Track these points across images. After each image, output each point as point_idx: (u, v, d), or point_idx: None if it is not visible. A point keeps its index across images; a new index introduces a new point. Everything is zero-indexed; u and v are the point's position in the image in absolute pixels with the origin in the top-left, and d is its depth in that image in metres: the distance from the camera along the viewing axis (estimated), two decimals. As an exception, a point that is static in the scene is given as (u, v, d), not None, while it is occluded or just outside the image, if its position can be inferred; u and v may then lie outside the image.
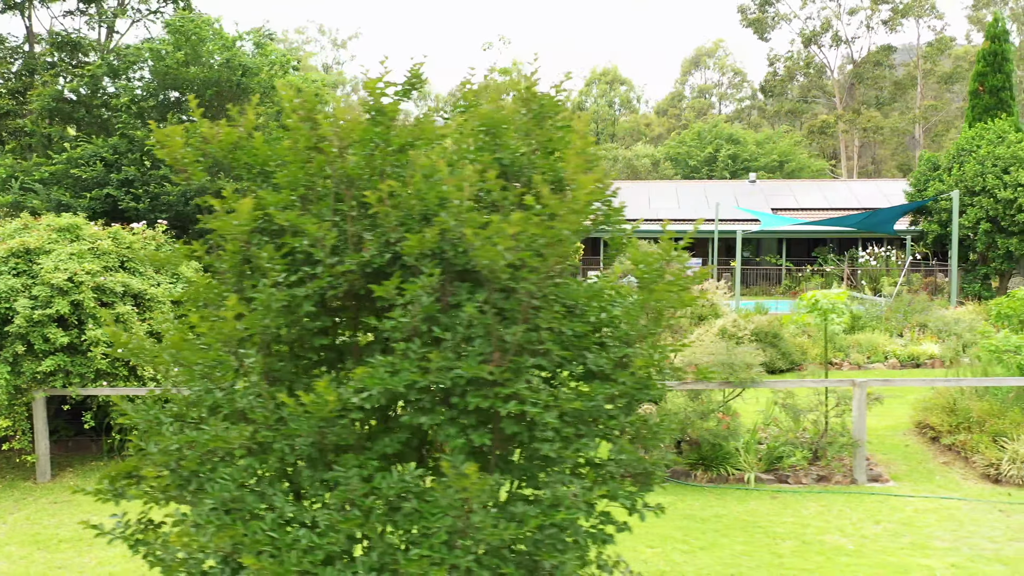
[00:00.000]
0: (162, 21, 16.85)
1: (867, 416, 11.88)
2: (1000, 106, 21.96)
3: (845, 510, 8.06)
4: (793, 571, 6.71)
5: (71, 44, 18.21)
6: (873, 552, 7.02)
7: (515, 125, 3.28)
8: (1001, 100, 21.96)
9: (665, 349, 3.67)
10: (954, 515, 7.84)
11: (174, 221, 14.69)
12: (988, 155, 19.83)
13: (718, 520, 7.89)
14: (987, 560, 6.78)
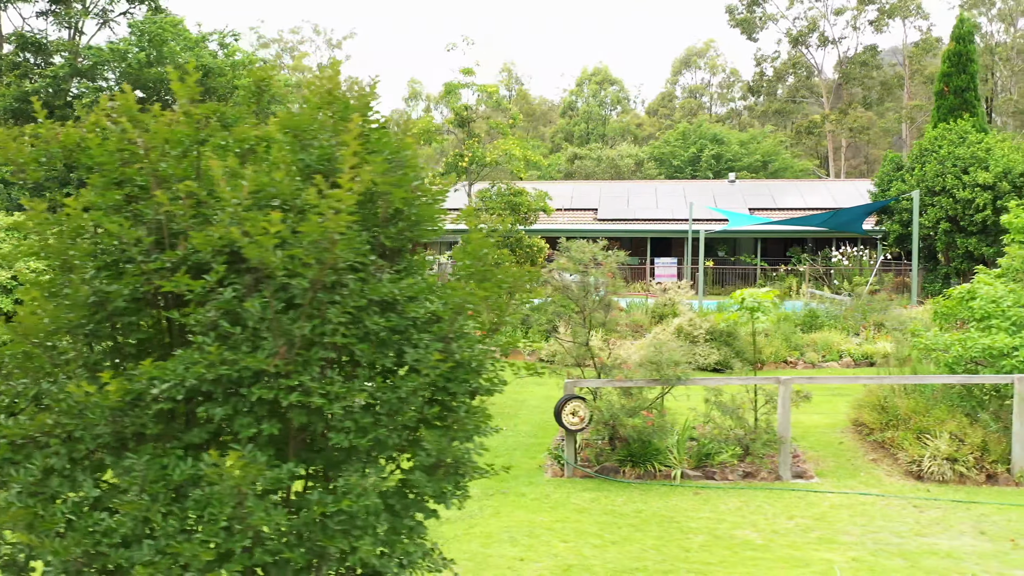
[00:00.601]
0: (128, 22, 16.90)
1: (809, 414, 12.04)
2: (964, 106, 22.08)
3: (763, 506, 8.17)
4: (697, 564, 6.82)
5: (36, 45, 18.28)
6: (780, 546, 7.13)
7: (319, 125, 3.38)
8: (966, 100, 22.08)
9: (489, 342, 3.77)
10: (868, 511, 7.95)
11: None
12: (948, 155, 19.95)
13: (637, 516, 7.99)
14: (889, 554, 6.89)
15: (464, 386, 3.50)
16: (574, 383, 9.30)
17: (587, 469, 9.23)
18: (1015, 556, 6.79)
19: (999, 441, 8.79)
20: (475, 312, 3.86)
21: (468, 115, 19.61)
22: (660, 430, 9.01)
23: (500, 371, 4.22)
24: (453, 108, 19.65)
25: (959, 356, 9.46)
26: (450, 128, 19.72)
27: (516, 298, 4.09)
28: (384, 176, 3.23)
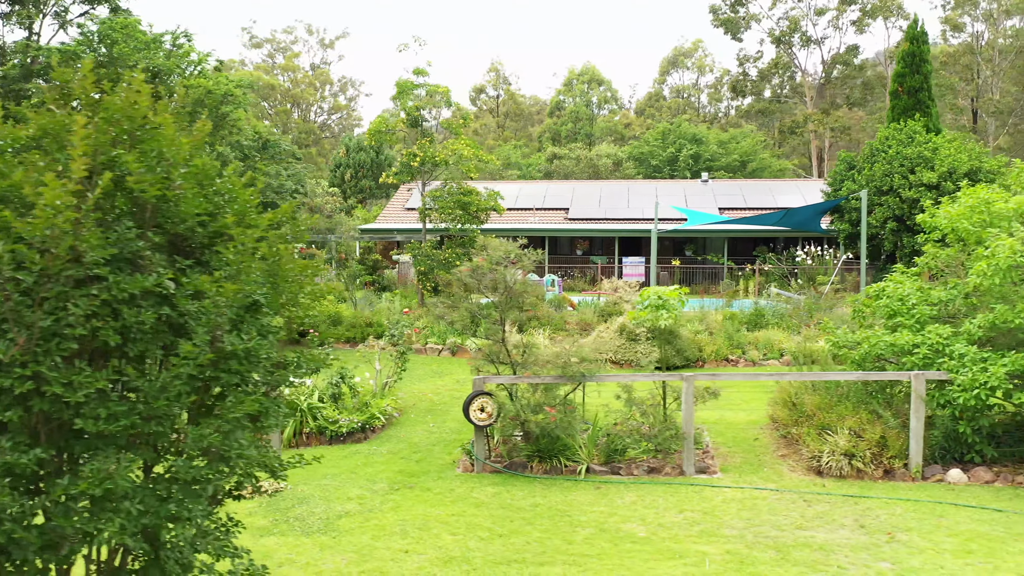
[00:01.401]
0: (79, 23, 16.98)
1: (735, 411, 12.18)
2: (918, 107, 22.21)
3: (658, 500, 8.28)
4: (575, 556, 6.94)
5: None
6: (661, 539, 7.25)
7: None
8: (919, 101, 22.21)
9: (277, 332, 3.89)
10: (757, 505, 8.07)
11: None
12: (896, 155, 20.07)
13: (532, 510, 8.10)
14: (764, 547, 7.01)
15: (236, 377, 3.61)
16: (483, 380, 9.41)
17: (496, 464, 9.35)
18: (886, 549, 6.91)
19: (898, 437, 8.91)
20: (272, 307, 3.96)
21: (419, 115, 19.71)
22: (565, 426, 9.11)
23: (300, 366, 4.35)
24: (404, 108, 19.77)
25: (866, 353, 9.59)
26: (401, 127, 19.82)
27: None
28: (142, 175, 3.34)
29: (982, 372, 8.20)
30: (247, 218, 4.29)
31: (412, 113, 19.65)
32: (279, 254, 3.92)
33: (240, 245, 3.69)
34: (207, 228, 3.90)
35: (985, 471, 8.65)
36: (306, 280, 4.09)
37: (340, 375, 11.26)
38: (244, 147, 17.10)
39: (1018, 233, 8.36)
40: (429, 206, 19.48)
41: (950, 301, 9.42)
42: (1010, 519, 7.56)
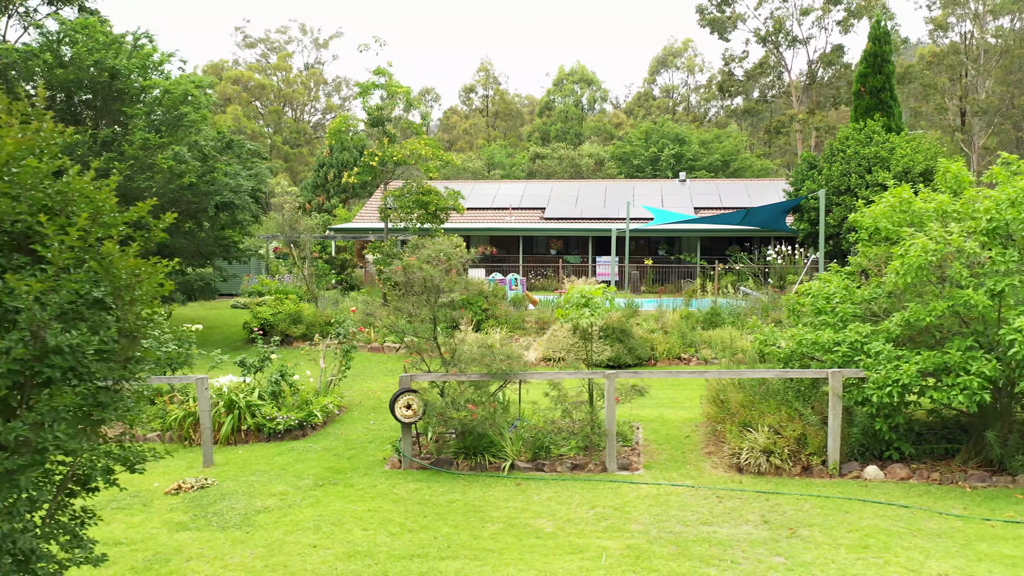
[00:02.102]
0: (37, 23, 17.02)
1: (676, 409, 12.27)
2: (880, 106, 22.30)
3: (574, 496, 8.36)
4: (477, 551, 7.01)
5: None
6: (566, 535, 7.32)
7: None
8: (881, 101, 22.30)
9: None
10: (669, 501, 8.15)
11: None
12: (854, 155, 20.18)
13: (448, 506, 8.18)
14: (665, 542, 7.09)
15: (58, 371, 3.69)
16: (410, 377, 9.49)
17: (423, 461, 9.43)
18: (784, 544, 7.00)
19: (817, 434, 9.00)
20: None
21: (381, 115, 19.77)
22: (488, 423, 9.19)
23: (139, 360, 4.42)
24: (365, 108, 19.83)
25: (792, 351, 9.68)
26: (362, 127, 19.87)
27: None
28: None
29: (895, 370, 8.29)
30: (101, 217, 4.36)
31: (372, 113, 19.71)
32: (111, 252, 3.99)
33: (61, 243, 3.76)
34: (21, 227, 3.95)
35: (902, 468, 8.73)
36: (144, 279, 4.17)
37: (280, 373, 11.33)
38: (202, 147, 17.12)
39: (931, 232, 8.45)
40: (390, 206, 19.57)
41: (874, 299, 9.51)
42: (914, 515, 7.65)
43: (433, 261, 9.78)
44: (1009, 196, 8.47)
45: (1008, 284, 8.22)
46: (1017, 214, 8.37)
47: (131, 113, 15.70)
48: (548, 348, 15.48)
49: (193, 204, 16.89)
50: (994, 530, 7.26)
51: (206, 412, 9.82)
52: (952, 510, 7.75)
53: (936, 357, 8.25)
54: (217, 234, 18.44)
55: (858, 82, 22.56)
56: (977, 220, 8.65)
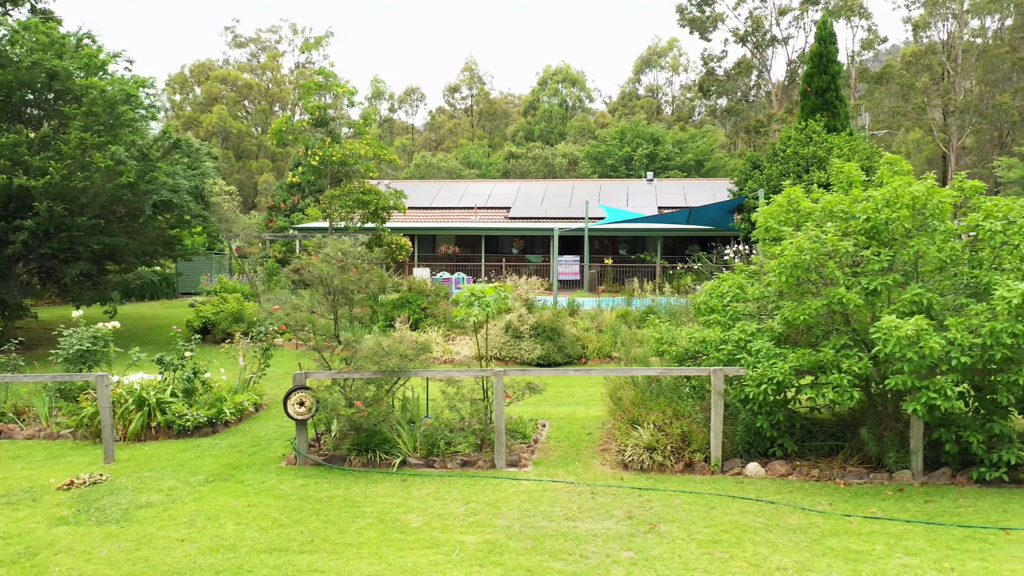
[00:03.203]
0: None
1: (588, 406, 12.37)
2: (825, 106, 22.43)
3: (454, 492, 8.46)
4: (338, 545, 7.09)
5: None
6: (431, 529, 7.42)
7: None
8: (826, 101, 22.43)
9: None
10: (544, 497, 8.25)
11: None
12: (793, 155, 20.32)
13: (328, 501, 8.27)
14: (523, 537, 7.17)
15: None
16: (304, 375, 9.58)
17: (316, 458, 9.53)
18: (638, 539, 7.09)
19: (702, 432, 9.11)
20: None
21: (323, 115, 19.84)
22: (378, 419, 9.28)
23: None
24: (307, 108, 19.89)
25: (686, 349, 9.79)
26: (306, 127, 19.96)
27: None
28: None
29: (771, 368, 8.40)
30: None
31: (314, 113, 19.79)
32: None
33: None
34: None
35: (782, 465, 8.84)
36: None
37: (193, 371, 11.41)
38: (141, 146, 17.16)
39: (807, 232, 8.55)
40: (331, 205, 19.65)
41: (764, 298, 9.62)
42: (778, 511, 7.75)
43: (331, 260, 9.87)
44: (884, 196, 8.59)
45: (881, 283, 8.34)
46: (890, 214, 8.49)
47: (70, 113, 15.77)
48: (481, 346, 15.54)
49: (133, 203, 16.97)
50: (851, 526, 7.37)
51: (106, 409, 9.91)
52: (818, 506, 7.85)
53: (810, 355, 8.37)
54: (159, 233, 18.52)
55: (804, 82, 22.68)
56: (857, 220, 8.77)
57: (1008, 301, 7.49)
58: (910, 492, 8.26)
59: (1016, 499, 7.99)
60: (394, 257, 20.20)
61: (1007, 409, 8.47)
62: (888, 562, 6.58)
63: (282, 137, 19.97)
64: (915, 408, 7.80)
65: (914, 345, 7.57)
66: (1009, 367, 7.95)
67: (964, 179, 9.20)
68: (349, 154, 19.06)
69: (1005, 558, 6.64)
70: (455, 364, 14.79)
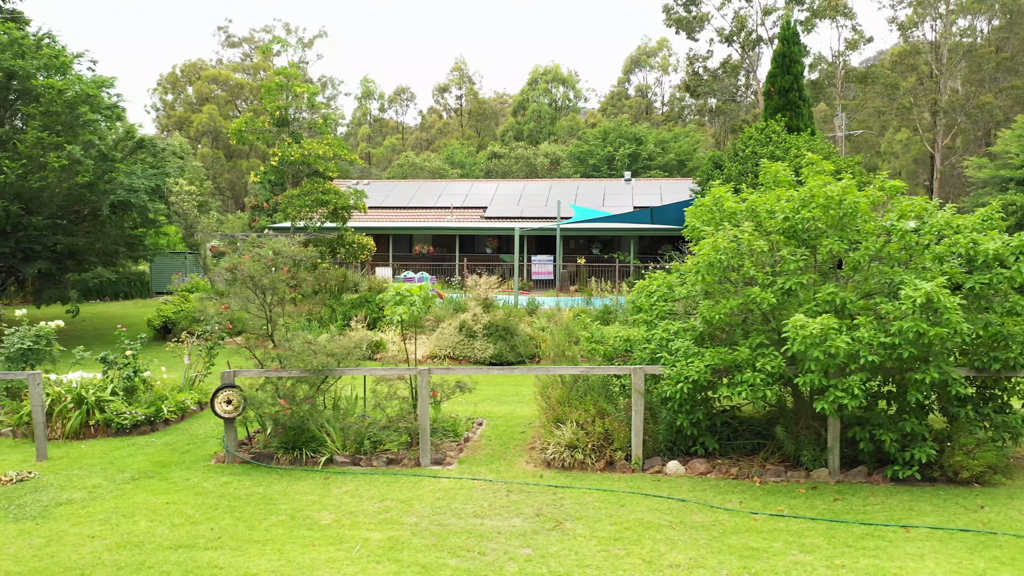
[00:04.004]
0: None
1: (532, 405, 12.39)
2: (788, 106, 22.51)
3: (372, 489, 8.51)
4: (244, 542, 7.14)
5: None
6: (339, 526, 7.47)
7: None
8: (789, 101, 22.50)
9: None
10: (459, 495, 8.30)
11: None
12: (751, 155, 20.41)
13: (246, 499, 8.32)
14: (427, 534, 7.23)
15: None
16: (232, 373, 9.63)
17: (244, 455, 9.58)
18: (541, 537, 7.14)
19: (625, 430, 9.16)
20: None
21: (286, 115, 19.89)
22: (303, 417, 9.33)
23: None
24: (267, 108, 19.93)
25: (614, 348, 9.85)
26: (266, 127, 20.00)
27: None
28: None
29: (688, 366, 8.46)
30: None
31: (274, 113, 19.83)
32: None
33: None
34: None
35: (702, 463, 8.90)
36: None
37: (133, 370, 11.46)
38: (98, 146, 17.19)
39: (724, 231, 8.61)
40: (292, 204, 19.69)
41: (690, 297, 9.67)
42: (686, 508, 7.81)
43: (261, 259, 9.93)
44: (801, 196, 8.65)
45: (796, 283, 8.41)
46: (808, 214, 8.55)
47: (28, 112, 15.80)
48: (436, 345, 15.64)
49: (92, 203, 17.01)
50: (756, 523, 7.43)
51: (38, 407, 9.95)
52: (727, 504, 7.92)
53: (726, 354, 8.43)
54: (120, 233, 18.55)
55: (768, 82, 22.75)
56: (776, 220, 8.84)
57: (913, 300, 7.55)
58: (823, 490, 8.33)
59: (925, 497, 8.07)
60: (356, 256, 20.28)
61: (924, 408, 8.54)
62: (782, 559, 6.64)
63: (242, 137, 20.02)
64: (823, 407, 7.87)
65: (821, 344, 7.63)
66: (918, 366, 8.02)
67: (885, 179, 9.26)
68: (308, 154, 19.11)
69: (898, 555, 6.71)
70: (383, 363, 14.87)
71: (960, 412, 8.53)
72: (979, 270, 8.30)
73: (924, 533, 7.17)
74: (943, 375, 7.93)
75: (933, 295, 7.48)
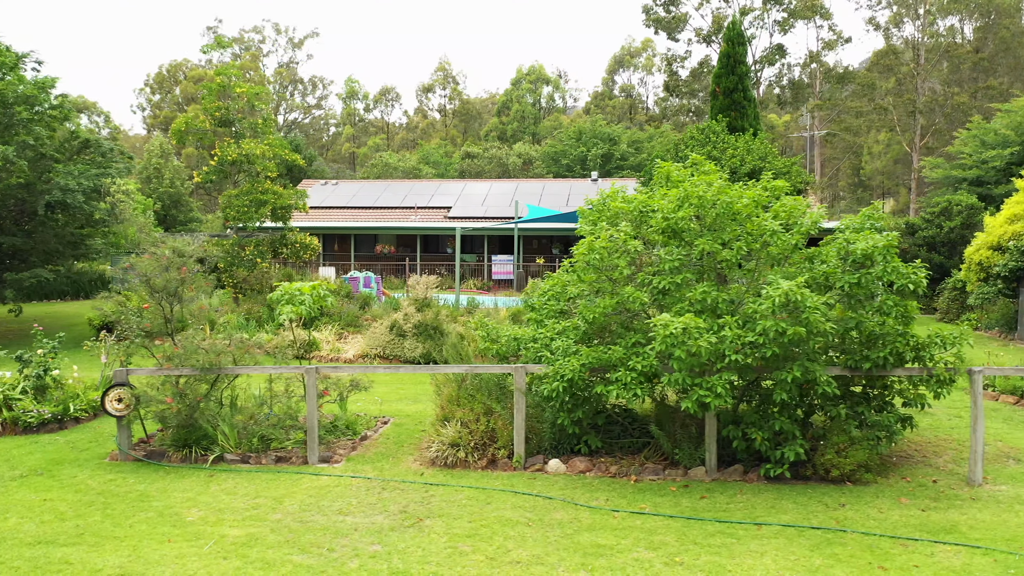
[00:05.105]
0: None
1: (425, 403, 12.43)
2: (733, 106, 22.61)
3: (250, 487, 8.57)
4: (105, 538, 7.19)
5: None
6: (203, 523, 7.53)
7: None
8: (734, 101, 22.60)
9: None
10: (333, 492, 8.37)
11: None
12: (689, 154, 20.47)
13: (124, 496, 8.38)
14: (286, 531, 7.29)
15: None
16: (126, 371, 9.70)
17: (136, 453, 9.64)
18: (397, 533, 7.20)
19: (509, 429, 9.23)
20: None
21: (228, 115, 19.94)
22: (191, 414, 9.39)
23: None
24: (206, 108, 20.00)
25: (507, 347, 9.92)
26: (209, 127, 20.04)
27: None
28: None
29: (564, 365, 8.53)
30: None
31: (214, 113, 19.90)
32: None
33: None
34: None
35: (583, 461, 8.97)
36: None
37: (43, 368, 11.52)
38: (35, 147, 17.18)
39: (599, 232, 8.69)
40: (229, 205, 19.78)
41: (582, 296, 9.75)
42: (551, 506, 7.88)
43: (158, 259, 9.99)
44: (677, 196, 8.74)
45: (670, 282, 8.49)
46: (684, 214, 8.64)
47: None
48: (368, 345, 15.71)
49: (28, 203, 17.04)
50: (614, 521, 7.50)
51: (-65, 405, 10.01)
52: (593, 502, 7.99)
53: (601, 353, 8.51)
54: (58, 233, 18.56)
55: (714, 82, 22.84)
56: (657, 220, 8.92)
57: (773, 300, 7.64)
58: (695, 488, 8.40)
59: (791, 495, 8.15)
60: (298, 255, 20.34)
61: (795, 407, 8.62)
62: (625, 556, 6.71)
63: (182, 136, 20.05)
64: (687, 406, 7.95)
65: (683, 344, 7.71)
66: (783, 365, 8.11)
67: (771, 180, 9.35)
68: (246, 154, 19.16)
69: (741, 552, 6.79)
70: (316, 362, 14.95)
71: (833, 411, 8.62)
72: (850, 270, 8.40)
73: (775, 531, 7.25)
74: (808, 374, 8.01)
75: (792, 294, 7.57)
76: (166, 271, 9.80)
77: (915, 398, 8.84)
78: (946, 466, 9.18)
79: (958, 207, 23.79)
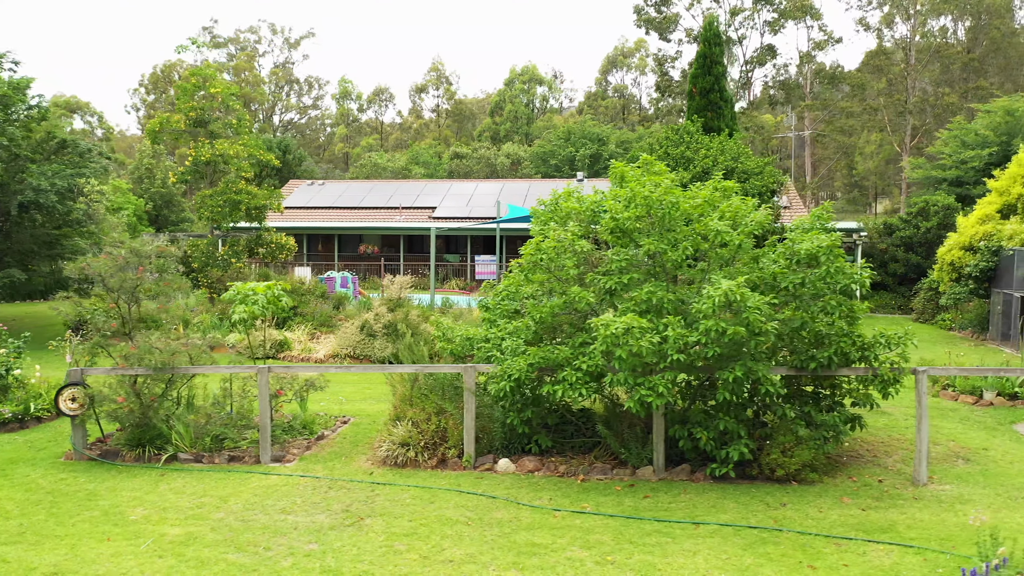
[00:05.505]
0: None
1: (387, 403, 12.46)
2: (709, 107, 22.66)
3: (198, 486, 8.60)
4: (45, 536, 7.22)
5: None
6: (146, 522, 7.56)
7: None
8: (710, 101, 22.66)
9: None
10: (279, 491, 8.39)
11: None
12: (664, 155, 20.57)
13: (71, 496, 8.39)
14: (226, 530, 7.32)
15: None
16: (80, 371, 9.73)
17: (90, 453, 9.67)
18: (336, 532, 7.23)
19: (460, 428, 9.27)
20: None
21: (203, 115, 19.98)
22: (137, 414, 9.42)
23: None
24: (180, 108, 20.03)
25: (461, 347, 9.95)
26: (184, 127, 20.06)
27: None
28: None
29: (511, 365, 8.56)
30: None
31: (189, 113, 19.94)
32: None
33: None
34: None
35: (533, 461, 9.01)
36: None
37: (5, 367, 11.55)
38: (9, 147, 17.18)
39: (548, 232, 8.73)
40: (203, 205, 19.80)
41: (534, 297, 9.78)
42: (493, 505, 7.92)
43: (115, 259, 10.01)
44: (626, 197, 8.77)
45: (617, 282, 8.53)
46: (630, 215, 8.67)
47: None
48: (339, 344, 15.75)
49: (1, 204, 17.04)
50: (554, 520, 7.53)
51: None
52: (536, 501, 8.02)
53: (547, 352, 8.54)
54: (32, 233, 18.56)
55: (690, 83, 22.89)
56: (606, 220, 8.96)
57: (713, 300, 7.67)
58: (640, 488, 8.44)
59: (733, 495, 8.19)
60: (274, 255, 20.38)
61: (738, 406, 8.65)
62: (559, 555, 6.75)
63: (156, 137, 20.10)
64: (630, 405, 7.98)
65: (624, 344, 7.74)
66: (727, 365, 8.14)
67: (720, 180, 9.39)
68: (219, 154, 19.20)
69: (676, 551, 6.82)
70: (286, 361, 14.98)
71: (780, 411, 8.66)
72: (796, 270, 8.44)
73: (712, 530, 7.29)
74: (751, 374, 8.04)
75: (732, 294, 7.60)
76: (122, 271, 9.82)
77: (863, 398, 8.89)
78: (895, 466, 9.22)
79: (935, 207, 23.87)
